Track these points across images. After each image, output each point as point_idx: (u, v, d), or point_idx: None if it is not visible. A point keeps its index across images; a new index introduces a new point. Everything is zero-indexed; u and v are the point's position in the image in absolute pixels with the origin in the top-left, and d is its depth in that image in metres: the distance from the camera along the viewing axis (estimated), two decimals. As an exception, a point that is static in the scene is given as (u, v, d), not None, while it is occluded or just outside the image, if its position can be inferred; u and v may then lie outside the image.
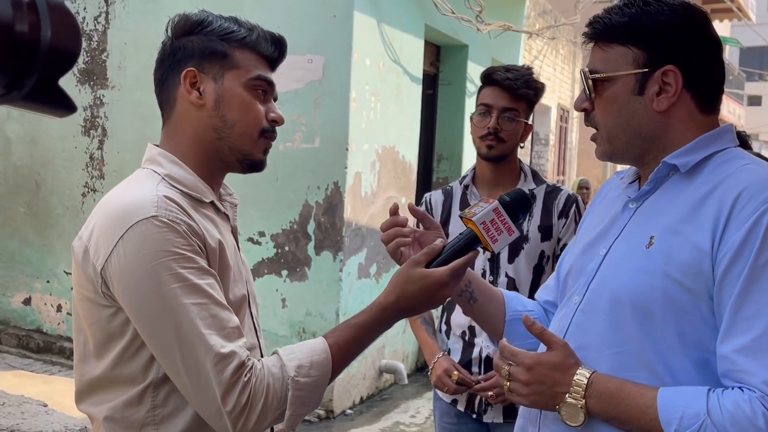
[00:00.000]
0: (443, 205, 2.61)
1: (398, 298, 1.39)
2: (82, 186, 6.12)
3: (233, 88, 1.42)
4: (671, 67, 1.36)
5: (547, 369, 1.35)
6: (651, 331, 1.31)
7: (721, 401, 1.21)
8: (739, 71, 24.20)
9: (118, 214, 1.31)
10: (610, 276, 1.40)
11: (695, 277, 1.27)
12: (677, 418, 1.22)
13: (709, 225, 1.28)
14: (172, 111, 1.45)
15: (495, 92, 2.46)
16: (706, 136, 1.39)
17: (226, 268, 1.40)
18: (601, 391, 1.31)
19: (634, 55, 1.39)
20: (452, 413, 2.57)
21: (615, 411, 1.30)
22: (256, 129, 1.44)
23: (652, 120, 1.39)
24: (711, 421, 1.19)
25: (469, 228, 1.44)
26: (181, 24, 1.44)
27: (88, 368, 1.39)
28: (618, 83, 1.40)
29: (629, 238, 1.41)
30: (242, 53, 1.43)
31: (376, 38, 5.50)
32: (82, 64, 6.08)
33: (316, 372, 1.33)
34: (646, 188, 1.43)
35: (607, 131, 1.44)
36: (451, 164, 7.15)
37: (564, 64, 10.85)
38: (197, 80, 1.41)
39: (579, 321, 1.43)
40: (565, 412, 1.33)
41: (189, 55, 1.42)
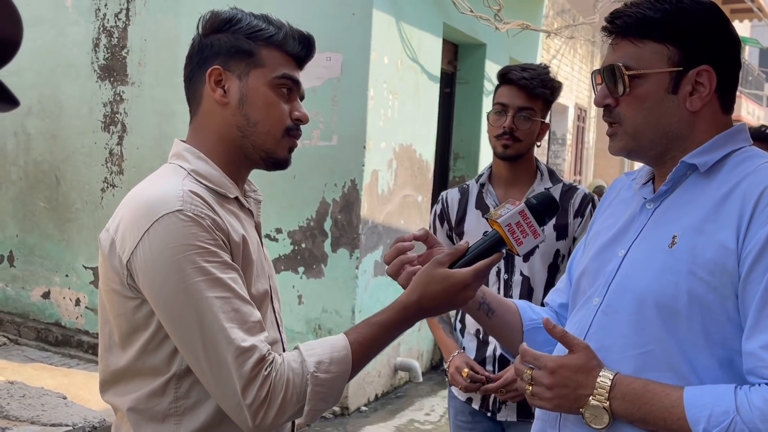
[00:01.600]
0: (459, 203, 2.62)
1: (420, 298, 1.39)
2: (102, 181, 6.17)
3: (257, 86, 1.43)
4: (706, 67, 1.36)
5: (570, 372, 1.33)
6: (676, 331, 1.31)
7: (749, 398, 1.20)
8: (759, 72, 23.98)
9: (144, 207, 1.33)
10: (632, 277, 1.39)
11: (721, 276, 1.27)
12: (705, 417, 1.21)
13: (733, 223, 1.27)
14: (198, 108, 1.47)
15: (511, 91, 2.46)
16: (722, 135, 1.39)
17: (249, 263, 1.42)
18: (626, 392, 1.30)
19: (669, 52, 1.37)
20: (467, 411, 2.58)
21: (640, 412, 1.29)
22: (279, 128, 1.45)
23: (682, 119, 1.39)
24: (741, 418, 1.19)
25: (494, 229, 1.43)
26: (210, 21, 1.46)
27: (112, 359, 1.41)
28: (652, 80, 1.38)
29: (649, 238, 1.41)
30: (268, 52, 1.44)
31: (394, 36, 5.50)
32: (102, 61, 6.13)
33: (335, 368, 1.34)
34: (664, 188, 1.43)
35: (634, 127, 1.42)
36: (468, 163, 7.14)
37: (582, 64, 10.80)
38: (222, 78, 1.43)
39: (600, 322, 1.42)
40: (589, 415, 1.32)
41: (216, 53, 1.44)
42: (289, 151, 1.49)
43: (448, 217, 2.63)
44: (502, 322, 1.65)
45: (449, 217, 2.62)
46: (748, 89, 20.51)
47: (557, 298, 1.73)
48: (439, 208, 2.67)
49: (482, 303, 1.61)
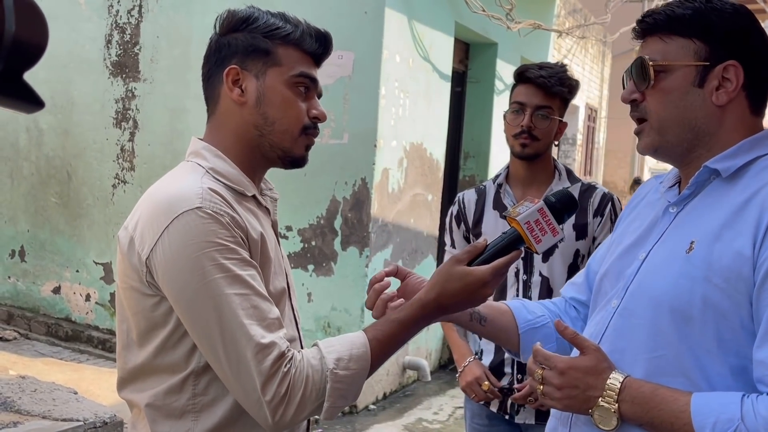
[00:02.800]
0: (476, 204, 2.59)
1: (439, 296, 1.39)
2: (113, 177, 6.19)
3: (275, 85, 1.43)
4: (733, 62, 1.35)
5: (580, 373, 1.34)
6: (689, 337, 1.30)
7: (755, 407, 1.20)
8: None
9: (163, 204, 1.33)
10: (649, 280, 1.39)
11: (736, 282, 1.26)
12: (711, 423, 1.21)
13: (750, 230, 1.27)
14: (216, 107, 1.48)
15: (529, 90, 2.43)
16: (749, 140, 1.38)
17: (267, 260, 1.42)
18: (635, 396, 1.30)
19: (696, 47, 1.37)
20: (484, 414, 2.56)
21: (648, 415, 1.29)
22: (296, 126, 1.45)
23: (708, 114, 1.38)
24: (745, 426, 1.19)
25: (512, 227, 1.43)
26: (227, 20, 1.46)
27: (131, 356, 1.42)
28: (678, 73, 1.38)
29: (669, 242, 1.40)
30: (285, 50, 1.44)
31: (406, 35, 5.50)
32: (114, 57, 6.15)
33: (355, 365, 1.34)
34: (687, 192, 1.41)
35: (659, 122, 1.41)
36: (478, 162, 7.14)
37: (593, 64, 10.77)
38: (239, 78, 1.43)
39: (617, 324, 1.42)
40: (598, 416, 1.33)
41: (233, 53, 1.44)
42: (306, 149, 1.49)
43: (465, 219, 2.61)
44: (497, 328, 1.65)
45: (466, 218, 2.60)
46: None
47: (572, 292, 1.73)
48: (455, 210, 2.64)
49: (473, 313, 1.61)
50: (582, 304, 1.70)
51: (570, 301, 1.72)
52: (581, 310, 1.70)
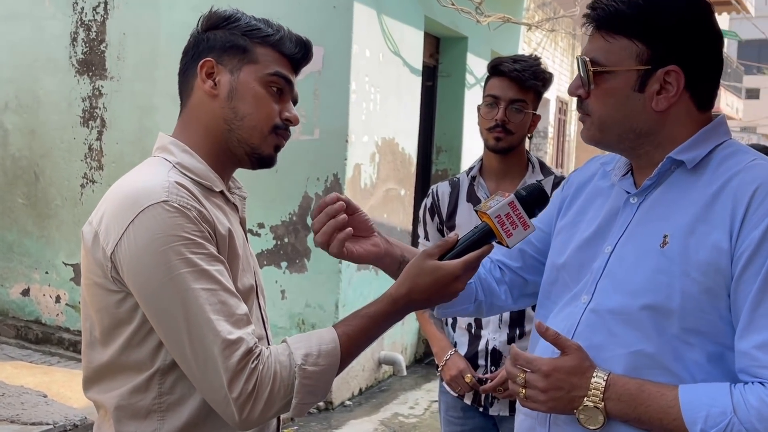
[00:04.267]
0: (450, 196, 2.60)
1: (410, 291, 1.38)
2: (81, 177, 6.11)
3: (248, 81, 1.42)
4: (674, 68, 1.34)
5: (564, 374, 1.33)
6: (668, 330, 1.30)
7: (745, 398, 1.20)
8: (737, 64, 24.20)
9: (129, 199, 1.31)
10: (622, 275, 1.38)
11: (714, 276, 1.27)
12: (702, 417, 1.21)
13: (725, 223, 1.27)
14: (188, 100, 1.47)
15: (503, 83, 2.43)
16: (705, 131, 1.38)
17: (236, 257, 1.40)
18: (621, 393, 1.30)
19: (638, 50, 1.35)
20: (458, 407, 2.57)
21: (635, 412, 1.29)
22: (267, 124, 1.44)
23: (649, 118, 1.37)
24: (738, 418, 1.19)
25: (483, 222, 1.42)
26: (209, 17, 1.46)
27: (95, 355, 1.39)
28: (619, 77, 1.37)
29: (638, 236, 1.39)
30: (263, 50, 1.44)
31: (375, 29, 5.48)
32: (80, 55, 6.06)
33: (324, 361, 1.33)
34: (648, 183, 1.41)
35: (600, 121, 1.41)
36: (451, 156, 7.14)
37: (563, 57, 10.83)
38: (214, 71, 1.43)
39: (590, 320, 1.41)
40: (584, 416, 1.32)
41: (210, 48, 1.44)
42: (275, 149, 1.47)
43: (439, 211, 2.61)
44: None
45: (440, 210, 2.60)
46: (728, 81, 20.69)
47: (498, 254, 1.70)
48: (429, 202, 2.64)
49: (402, 262, 1.57)
50: (508, 268, 1.69)
51: (497, 262, 1.71)
52: (507, 273, 1.70)
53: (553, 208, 1.64)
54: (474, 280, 1.65)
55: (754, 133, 24.24)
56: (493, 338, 2.47)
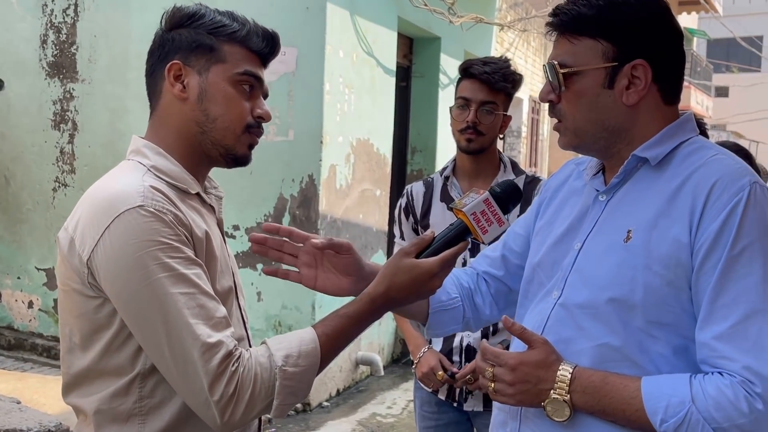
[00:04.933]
0: (424, 196, 2.63)
1: (388, 289, 1.39)
2: (53, 181, 6.04)
3: (218, 82, 1.41)
4: (641, 61, 1.37)
5: (530, 368, 1.36)
6: (632, 323, 1.33)
7: (704, 387, 1.23)
8: (706, 63, 24.50)
9: (104, 204, 1.30)
10: (588, 270, 1.41)
11: (675, 269, 1.29)
12: (663, 407, 1.24)
13: (685, 217, 1.30)
14: (158, 103, 1.45)
15: (473, 85, 2.47)
16: (670, 127, 1.41)
17: (213, 259, 1.40)
18: (585, 385, 1.33)
19: (603, 48, 1.39)
20: (433, 402, 2.60)
21: (600, 404, 1.32)
22: (239, 124, 1.43)
23: (621, 113, 1.40)
24: (696, 408, 1.22)
25: (459, 219, 1.44)
26: (172, 16, 1.44)
27: (74, 360, 1.38)
28: (588, 77, 1.40)
29: (604, 231, 1.42)
30: (230, 48, 1.42)
31: (349, 30, 5.49)
32: (51, 57, 6.00)
33: (304, 361, 1.33)
34: (615, 180, 1.44)
35: (574, 124, 1.44)
36: (425, 156, 7.16)
37: (535, 56, 10.91)
38: (182, 73, 1.41)
39: (559, 315, 1.44)
40: (551, 408, 1.35)
41: (177, 48, 1.42)
42: (249, 147, 1.47)
43: (414, 211, 2.64)
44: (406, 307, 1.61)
45: (414, 210, 2.64)
46: (697, 80, 20.94)
47: (483, 265, 1.74)
48: (404, 202, 2.68)
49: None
50: (494, 279, 1.72)
51: (482, 275, 1.73)
52: (492, 284, 1.72)
53: (531, 213, 1.69)
54: (461, 299, 1.68)
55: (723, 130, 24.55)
56: (467, 334, 2.50)
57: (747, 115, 26.29)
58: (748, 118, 25.96)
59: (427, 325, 1.67)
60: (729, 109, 27.57)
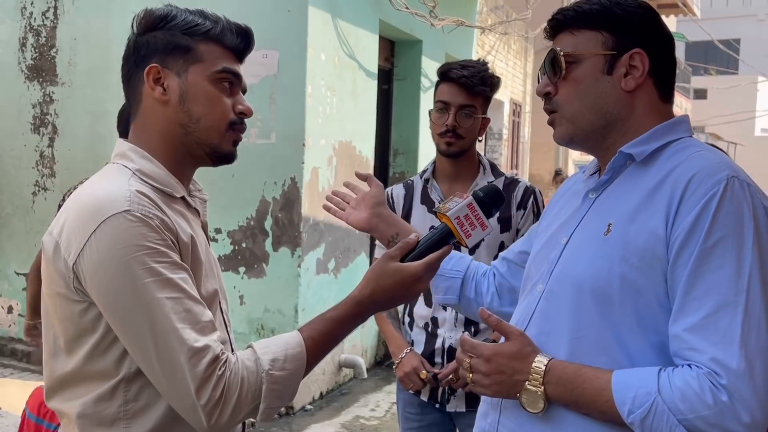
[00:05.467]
0: (405, 198, 2.64)
1: (373, 292, 1.40)
2: (33, 185, 6.00)
3: (198, 82, 1.41)
4: (639, 50, 1.43)
5: (505, 359, 1.39)
6: (610, 316, 1.35)
7: (671, 379, 1.25)
8: (685, 65, 24.73)
9: (90, 208, 1.30)
10: (570, 263, 1.44)
11: (651, 261, 1.31)
12: (630, 398, 1.26)
13: (662, 210, 1.32)
14: (138, 107, 1.45)
15: (452, 89, 2.49)
16: (663, 126, 1.44)
17: (199, 263, 1.40)
18: (559, 377, 1.35)
19: (603, 38, 1.45)
20: (415, 403, 2.61)
21: (573, 395, 1.34)
22: (223, 122, 1.43)
23: (619, 99, 1.44)
24: (662, 398, 1.24)
25: (443, 223, 1.46)
26: (144, 19, 1.43)
27: (58, 364, 1.37)
28: (587, 63, 1.45)
29: (588, 226, 1.45)
30: (206, 46, 1.42)
31: (330, 33, 5.49)
32: (30, 60, 5.96)
33: (290, 365, 1.33)
34: (605, 178, 1.47)
35: (572, 111, 1.47)
36: (407, 159, 7.18)
37: (516, 59, 10.96)
38: (161, 76, 1.41)
39: (542, 308, 1.46)
40: (526, 399, 1.37)
41: (153, 51, 1.41)
42: (234, 144, 1.47)
43: (394, 213, 2.64)
44: None
45: (395, 212, 2.64)
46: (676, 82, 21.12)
47: (500, 267, 1.84)
48: None
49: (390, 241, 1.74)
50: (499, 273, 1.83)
51: (492, 268, 1.85)
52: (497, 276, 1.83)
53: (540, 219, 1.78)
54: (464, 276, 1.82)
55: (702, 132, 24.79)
56: (449, 336, 2.51)
57: (725, 117, 26.56)
58: (726, 120, 26.22)
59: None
60: (707, 111, 27.83)
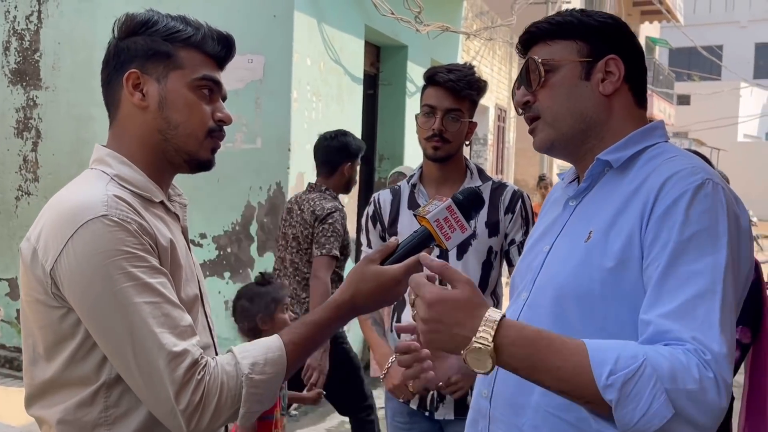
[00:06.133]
0: (392, 204, 2.63)
1: (353, 296, 1.41)
2: (16, 189, 5.96)
3: (177, 88, 1.41)
4: (613, 56, 1.46)
5: (448, 308, 1.21)
6: (593, 321, 1.35)
7: (657, 348, 1.18)
8: (668, 71, 24.92)
9: (67, 214, 1.29)
10: (552, 271, 1.45)
11: (630, 264, 1.32)
12: (612, 358, 1.15)
13: (638, 213, 1.33)
14: (117, 112, 1.44)
15: (438, 93, 2.47)
16: (638, 132, 1.46)
17: (178, 267, 1.40)
18: (515, 337, 1.19)
19: (578, 47, 1.47)
20: (404, 412, 2.58)
21: (530, 359, 1.18)
22: (201, 129, 1.43)
23: (597, 104, 1.46)
24: (650, 362, 1.14)
25: (422, 226, 1.46)
26: (125, 24, 1.42)
27: (38, 371, 1.37)
28: (565, 69, 1.47)
29: (569, 234, 1.46)
30: (187, 53, 1.42)
31: (316, 38, 5.50)
32: (14, 64, 5.92)
33: (270, 369, 1.33)
34: (583, 186, 1.49)
35: (552, 116, 1.48)
36: (393, 164, 7.18)
37: (501, 65, 11.01)
38: (140, 82, 1.40)
39: (526, 316, 1.46)
40: (471, 358, 1.19)
41: (133, 57, 1.41)
42: (212, 152, 1.47)
43: (381, 219, 2.64)
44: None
45: (382, 218, 2.64)
46: (659, 88, 21.29)
47: None
48: (371, 210, 2.68)
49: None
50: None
51: None
52: None
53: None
54: None
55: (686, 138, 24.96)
56: None
57: (708, 122, 26.78)
58: (709, 125, 26.45)
59: None
60: (690, 116, 28.04)
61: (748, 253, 1.33)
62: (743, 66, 33.71)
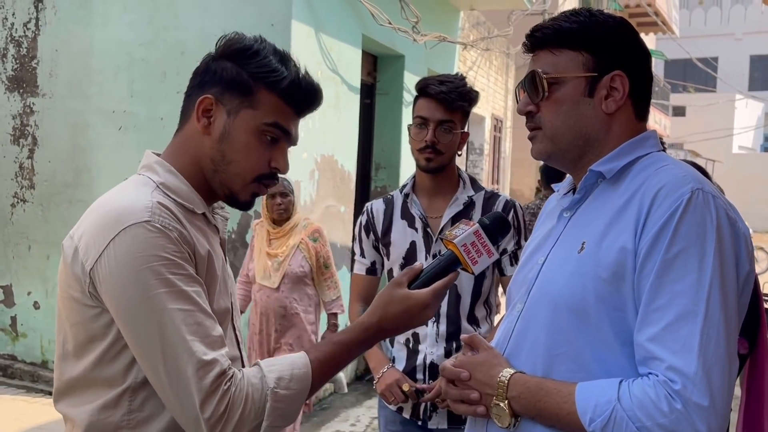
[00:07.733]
0: (384, 213, 2.64)
1: (381, 319, 1.42)
2: (11, 196, 5.94)
3: (243, 127, 1.41)
4: (619, 72, 1.44)
5: (471, 366, 1.43)
6: (587, 332, 1.35)
7: (630, 388, 1.26)
8: (664, 83, 25.01)
9: (111, 216, 1.31)
10: (547, 282, 1.45)
11: (623, 275, 1.32)
12: (592, 407, 1.27)
13: (631, 225, 1.33)
14: (184, 125, 1.46)
15: (430, 105, 2.48)
16: (630, 143, 1.46)
17: (214, 278, 1.41)
18: (521, 391, 1.36)
19: (583, 59, 1.45)
20: (398, 420, 2.58)
21: (536, 408, 1.34)
22: (251, 174, 1.43)
23: (598, 122, 1.45)
24: (621, 406, 1.25)
25: (449, 250, 1.47)
26: (224, 46, 1.43)
27: (67, 368, 1.39)
28: (569, 85, 1.45)
29: (563, 245, 1.47)
30: (267, 95, 1.41)
31: (314, 47, 5.51)
32: (11, 71, 5.92)
33: (295, 385, 1.34)
34: (577, 197, 1.49)
35: (553, 130, 1.48)
36: (389, 173, 7.20)
37: (497, 75, 11.04)
38: (212, 109, 1.41)
39: (520, 328, 1.47)
40: (495, 414, 1.38)
41: (216, 81, 1.41)
42: (253, 196, 1.47)
43: (374, 228, 2.65)
44: None
45: (375, 227, 2.64)
46: (655, 99, 21.37)
47: None
48: (364, 219, 2.68)
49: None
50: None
51: None
52: None
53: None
54: None
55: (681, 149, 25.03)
56: (431, 352, 2.50)
57: (703, 134, 26.87)
58: (704, 137, 26.52)
59: None
60: (686, 128, 28.14)
61: (748, 254, 1.34)
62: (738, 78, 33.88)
